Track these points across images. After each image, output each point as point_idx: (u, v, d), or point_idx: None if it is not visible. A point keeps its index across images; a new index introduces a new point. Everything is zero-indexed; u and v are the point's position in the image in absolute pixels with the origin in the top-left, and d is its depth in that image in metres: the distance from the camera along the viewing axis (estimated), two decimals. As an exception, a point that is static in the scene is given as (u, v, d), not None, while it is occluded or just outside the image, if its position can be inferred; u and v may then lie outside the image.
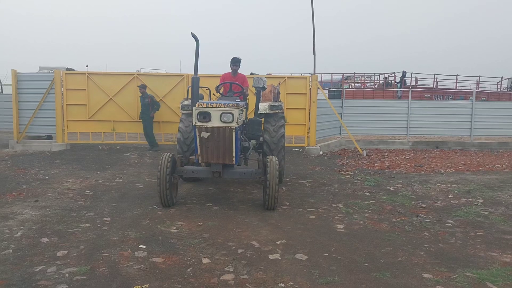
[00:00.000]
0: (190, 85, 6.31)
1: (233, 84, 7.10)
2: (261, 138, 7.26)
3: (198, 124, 5.56)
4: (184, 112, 7.41)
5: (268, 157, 5.90)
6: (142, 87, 11.58)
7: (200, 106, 5.54)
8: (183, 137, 7.21)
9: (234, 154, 5.69)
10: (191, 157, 6.71)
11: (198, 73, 5.98)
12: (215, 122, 5.52)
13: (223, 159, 5.75)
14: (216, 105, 5.52)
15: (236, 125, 5.54)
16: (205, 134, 5.57)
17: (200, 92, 6.61)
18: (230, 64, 7.49)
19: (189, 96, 6.80)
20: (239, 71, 7.64)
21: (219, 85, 7.23)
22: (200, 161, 5.86)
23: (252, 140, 6.79)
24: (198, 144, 5.70)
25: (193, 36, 5.80)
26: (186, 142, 7.16)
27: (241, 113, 5.93)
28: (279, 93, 8.48)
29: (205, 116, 5.52)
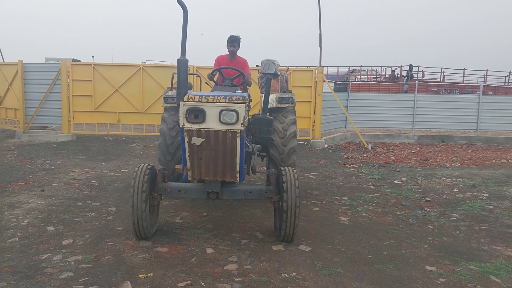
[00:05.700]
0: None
1: (228, 69, 5.74)
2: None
3: (187, 126, 3.99)
4: (168, 106, 5.90)
5: (283, 169, 4.38)
6: None
7: (191, 99, 3.98)
8: (166, 141, 5.73)
9: (238, 169, 4.18)
10: (176, 166, 5.16)
11: (186, 55, 4.42)
12: (211, 123, 3.97)
13: (222, 176, 4.22)
14: (213, 99, 3.97)
15: (242, 128, 3.99)
16: (197, 141, 4.03)
17: (188, 81, 4.97)
18: (227, 44, 6.07)
19: (175, 85, 5.08)
20: (239, 54, 6.23)
21: (214, 70, 5.80)
22: (190, 178, 4.31)
23: (256, 145, 5.24)
24: (187, 154, 4.14)
25: (180, 3, 4.27)
26: (170, 149, 5.70)
27: (248, 110, 4.52)
28: (287, 81, 6.86)
29: (197, 114, 3.96)
